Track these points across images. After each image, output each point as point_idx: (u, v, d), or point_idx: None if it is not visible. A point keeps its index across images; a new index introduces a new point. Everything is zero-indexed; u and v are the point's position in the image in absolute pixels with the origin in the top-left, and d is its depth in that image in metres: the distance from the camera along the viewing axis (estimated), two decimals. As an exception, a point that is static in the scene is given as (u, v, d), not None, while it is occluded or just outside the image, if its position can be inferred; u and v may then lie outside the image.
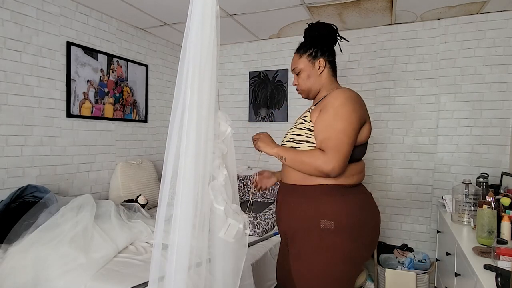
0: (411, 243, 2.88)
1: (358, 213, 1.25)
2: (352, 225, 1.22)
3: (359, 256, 1.26)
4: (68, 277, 1.54)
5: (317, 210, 1.23)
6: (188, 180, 1.04)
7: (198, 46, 1.05)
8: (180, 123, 1.03)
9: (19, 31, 2.15)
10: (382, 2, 2.46)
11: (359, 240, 1.24)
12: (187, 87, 1.03)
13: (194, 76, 1.03)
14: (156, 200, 3.01)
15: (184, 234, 1.03)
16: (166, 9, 2.63)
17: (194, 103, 1.03)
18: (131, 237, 1.96)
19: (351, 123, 1.20)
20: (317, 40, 1.37)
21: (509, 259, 1.28)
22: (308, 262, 1.25)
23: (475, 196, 1.93)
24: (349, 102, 1.22)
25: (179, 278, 1.01)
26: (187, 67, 1.05)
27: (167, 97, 3.51)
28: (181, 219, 1.04)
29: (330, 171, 1.16)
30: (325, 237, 1.22)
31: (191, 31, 1.06)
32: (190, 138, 1.03)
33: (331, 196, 1.24)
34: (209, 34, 1.06)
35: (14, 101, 2.13)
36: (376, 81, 2.98)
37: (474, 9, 2.56)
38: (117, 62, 2.86)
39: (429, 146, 2.82)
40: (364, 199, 1.31)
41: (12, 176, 2.13)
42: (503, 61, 2.58)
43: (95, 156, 2.69)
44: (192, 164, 1.03)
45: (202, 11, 1.05)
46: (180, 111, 1.03)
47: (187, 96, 1.02)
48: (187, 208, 1.05)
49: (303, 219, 1.26)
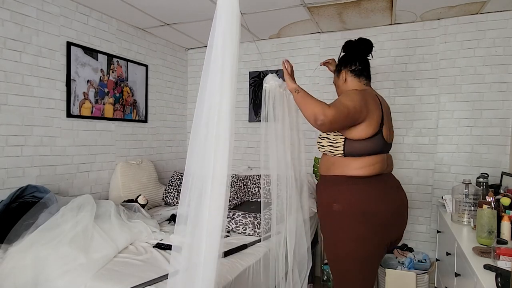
0: (411, 243, 2.88)
1: (362, 200, 1.44)
2: (358, 209, 1.44)
3: (368, 238, 1.44)
4: (68, 277, 1.54)
5: (331, 195, 1.50)
6: (220, 178, 1.10)
7: (224, 44, 1.11)
8: (207, 124, 1.09)
9: (19, 31, 2.15)
10: (382, 2, 2.46)
11: (367, 223, 1.43)
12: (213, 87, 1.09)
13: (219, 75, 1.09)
14: (156, 200, 3.01)
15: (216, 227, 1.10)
16: (166, 9, 2.63)
17: (222, 103, 1.09)
18: (131, 237, 1.96)
19: (352, 100, 1.44)
20: (342, 58, 1.72)
21: (509, 259, 1.28)
22: (329, 243, 1.55)
23: (475, 196, 1.93)
24: (349, 92, 1.52)
25: (209, 267, 1.09)
26: (213, 66, 1.11)
27: (167, 97, 3.51)
28: (211, 214, 1.10)
29: (322, 119, 1.35)
30: (338, 218, 1.47)
31: (217, 30, 1.12)
32: (221, 139, 1.08)
33: (342, 185, 1.48)
34: (234, 33, 1.13)
35: (14, 101, 2.14)
36: (376, 81, 2.98)
37: (474, 9, 2.56)
38: (117, 62, 2.86)
39: (429, 146, 2.82)
40: (375, 189, 1.48)
41: (12, 176, 2.13)
42: (503, 61, 2.58)
43: (95, 156, 2.69)
44: (225, 162, 1.09)
45: (228, 10, 1.11)
46: (206, 112, 1.09)
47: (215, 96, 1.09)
48: (218, 206, 1.10)
49: (324, 201, 1.56)
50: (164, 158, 3.49)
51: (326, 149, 1.57)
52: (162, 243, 1.95)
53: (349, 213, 1.44)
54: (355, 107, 1.41)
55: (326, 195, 1.54)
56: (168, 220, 2.54)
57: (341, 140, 1.50)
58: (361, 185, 1.46)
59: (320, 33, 3.16)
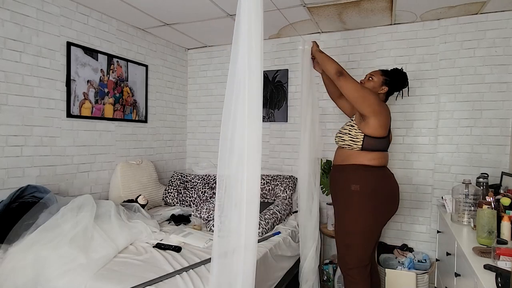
0: (411, 243, 2.88)
1: (375, 182, 1.87)
2: (372, 189, 1.85)
3: (379, 212, 1.88)
4: (68, 277, 1.54)
5: (350, 179, 1.89)
6: (254, 174, 1.24)
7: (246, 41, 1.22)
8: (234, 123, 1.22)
9: (19, 31, 2.15)
10: (382, 2, 2.46)
11: (377, 200, 1.85)
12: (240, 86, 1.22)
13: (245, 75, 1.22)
14: (156, 200, 3.02)
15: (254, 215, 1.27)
16: (166, 9, 2.63)
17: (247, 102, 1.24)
18: (131, 237, 1.96)
19: (368, 92, 1.89)
20: (393, 80, 2.05)
21: (509, 259, 1.28)
22: (342, 219, 1.94)
23: (475, 196, 1.93)
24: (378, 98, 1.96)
25: (249, 253, 1.27)
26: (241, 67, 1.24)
27: (167, 97, 3.51)
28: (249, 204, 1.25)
29: (345, 73, 1.89)
30: (354, 196, 1.86)
31: (241, 28, 1.21)
32: (253, 138, 1.24)
33: (360, 170, 1.89)
34: (259, 29, 1.23)
35: (14, 101, 2.14)
36: (376, 81, 2.98)
37: (474, 9, 2.56)
38: (117, 62, 2.86)
39: (429, 146, 2.82)
40: (383, 175, 1.93)
41: (12, 176, 2.13)
42: (503, 61, 2.58)
43: (95, 156, 2.69)
44: (258, 159, 1.25)
45: (252, 6, 1.21)
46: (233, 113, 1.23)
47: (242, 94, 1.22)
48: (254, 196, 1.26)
49: (341, 185, 1.94)
50: (164, 158, 3.49)
51: (346, 142, 1.95)
52: (162, 243, 1.95)
53: (364, 192, 1.84)
54: (375, 98, 1.88)
55: (344, 179, 1.92)
56: (168, 220, 2.54)
57: (361, 136, 1.89)
58: (374, 171, 1.88)
59: (320, 33, 3.16)
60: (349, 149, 1.93)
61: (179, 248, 1.89)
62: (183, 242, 2.00)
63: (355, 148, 1.91)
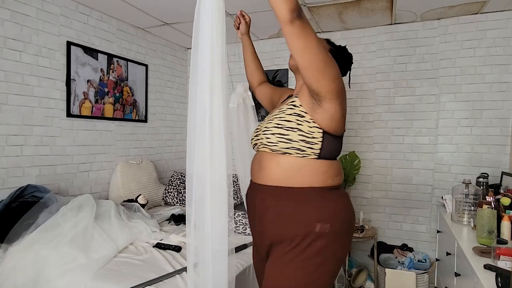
0: (411, 243, 2.88)
1: (347, 214, 1.19)
2: (347, 223, 1.18)
3: (345, 255, 1.23)
4: (68, 277, 1.54)
5: (311, 213, 1.13)
6: (220, 178, 1.07)
7: (208, 45, 1.06)
8: (202, 125, 1.07)
9: (19, 31, 2.14)
10: (382, 2, 2.46)
11: (347, 239, 1.20)
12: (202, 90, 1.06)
13: (206, 76, 1.07)
14: (156, 200, 3.01)
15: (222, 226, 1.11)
16: (166, 9, 2.63)
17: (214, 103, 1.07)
18: (131, 237, 1.96)
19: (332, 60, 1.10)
20: (337, 54, 1.34)
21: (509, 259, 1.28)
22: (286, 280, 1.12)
23: (475, 196, 1.93)
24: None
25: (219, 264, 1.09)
26: (201, 67, 1.07)
27: (167, 97, 3.51)
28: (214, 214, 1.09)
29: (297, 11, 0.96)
30: (319, 240, 1.11)
31: (201, 30, 1.07)
32: (215, 139, 1.06)
33: (326, 197, 1.15)
34: (220, 32, 1.08)
35: (14, 101, 2.13)
36: (376, 81, 2.98)
37: (474, 9, 2.56)
38: (117, 62, 2.86)
39: (429, 146, 2.82)
40: (348, 200, 1.24)
41: (12, 176, 2.13)
42: (503, 61, 2.58)
43: (95, 156, 2.69)
44: (223, 164, 1.07)
45: (209, 8, 1.05)
46: (199, 114, 1.07)
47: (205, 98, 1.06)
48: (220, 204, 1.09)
49: (291, 224, 1.13)
50: (164, 158, 3.49)
51: (293, 145, 1.13)
52: (162, 243, 1.95)
53: (338, 231, 1.14)
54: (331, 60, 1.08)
55: (300, 213, 1.13)
56: (168, 220, 2.54)
57: (318, 134, 1.13)
58: (343, 195, 1.21)
59: (320, 33, 3.16)
60: (299, 156, 1.15)
61: (179, 248, 1.89)
62: (183, 242, 2.00)
63: (309, 155, 1.14)
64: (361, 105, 3.04)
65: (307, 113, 1.14)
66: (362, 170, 3.01)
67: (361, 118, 3.04)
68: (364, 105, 3.03)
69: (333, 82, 1.07)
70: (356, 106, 3.06)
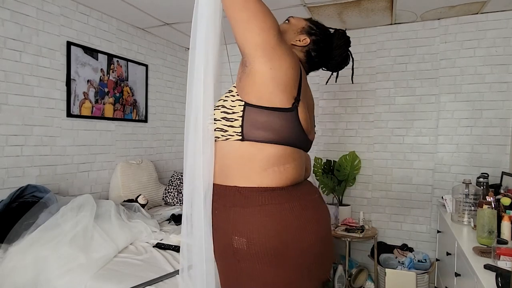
0: (411, 243, 2.87)
1: (282, 229, 0.88)
2: (272, 245, 0.87)
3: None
4: (68, 277, 1.54)
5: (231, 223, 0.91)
6: (208, 179, 1.01)
7: (204, 44, 1.03)
8: (195, 125, 1.03)
9: (19, 31, 2.14)
10: (382, 2, 2.46)
11: (284, 264, 0.89)
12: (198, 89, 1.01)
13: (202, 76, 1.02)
14: (156, 200, 3.01)
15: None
16: (166, 9, 2.63)
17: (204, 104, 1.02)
18: (131, 237, 1.96)
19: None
20: (323, 38, 1.14)
21: (509, 259, 1.28)
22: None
23: (475, 196, 1.93)
24: None
25: (208, 267, 0.96)
26: (197, 67, 1.03)
27: (167, 97, 3.51)
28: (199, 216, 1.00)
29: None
30: (240, 260, 0.88)
31: (198, 30, 1.04)
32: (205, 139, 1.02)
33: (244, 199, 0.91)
34: (217, 32, 1.04)
35: (14, 101, 2.13)
36: (376, 81, 2.98)
37: (474, 9, 2.56)
38: (117, 62, 2.86)
39: (429, 146, 2.82)
40: (296, 208, 0.91)
41: (12, 176, 2.13)
42: (503, 61, 2.58)
43: (95, 156, 2.69)
44: (210, 163, 1.00)
45: (207, 8, 1.01)
46: (193, 113, 1.03)
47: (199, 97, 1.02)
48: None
49: (219, 238, 0.95)
50: (164, 158, 3.49)
51: (217, 125, 0.97)
52: (162, 243, 1.95)
53: (257, 252, 0.87)
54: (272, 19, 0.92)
55: (222, 223, 0.94)
56: (168, 220, 2.54)
57: (240, 108, 0.92)
58: (275, 204, 0.89)
59: (320, 33, 3.16)
60: (223, 139, 0.98)
61: (179, 248, 1.89)
62: (183, 242, 2.00)
63: (232, 136, 0.95)
64: (361, 105, 3.04)
65: (235, 86, 0.97)
66: (362, 170, 3.01)
67: (361, 118, 3.04)
68: (364, 105, 3.03)
69: (258, 34, 0.87)
70: (356, 106, 3.06)
